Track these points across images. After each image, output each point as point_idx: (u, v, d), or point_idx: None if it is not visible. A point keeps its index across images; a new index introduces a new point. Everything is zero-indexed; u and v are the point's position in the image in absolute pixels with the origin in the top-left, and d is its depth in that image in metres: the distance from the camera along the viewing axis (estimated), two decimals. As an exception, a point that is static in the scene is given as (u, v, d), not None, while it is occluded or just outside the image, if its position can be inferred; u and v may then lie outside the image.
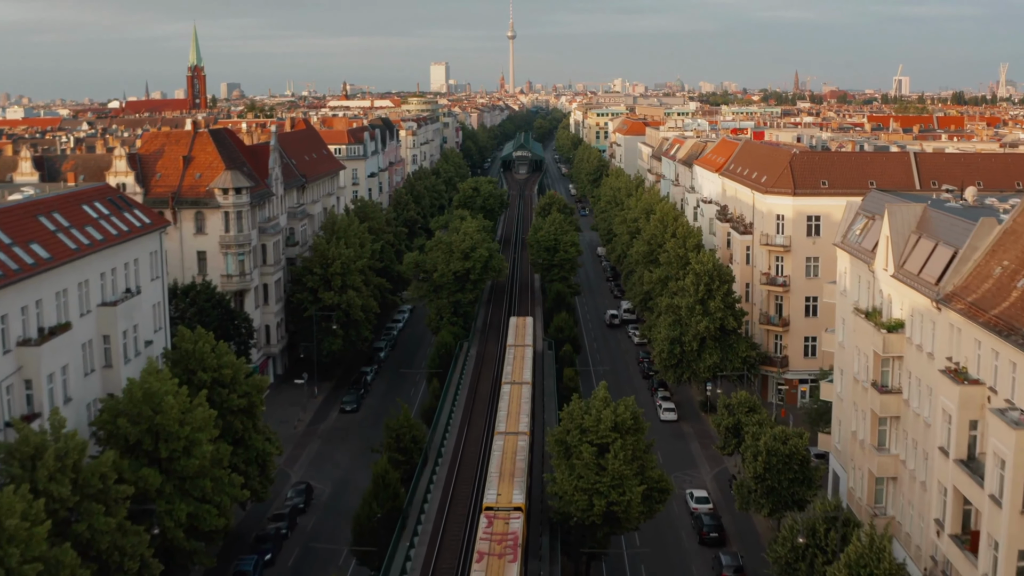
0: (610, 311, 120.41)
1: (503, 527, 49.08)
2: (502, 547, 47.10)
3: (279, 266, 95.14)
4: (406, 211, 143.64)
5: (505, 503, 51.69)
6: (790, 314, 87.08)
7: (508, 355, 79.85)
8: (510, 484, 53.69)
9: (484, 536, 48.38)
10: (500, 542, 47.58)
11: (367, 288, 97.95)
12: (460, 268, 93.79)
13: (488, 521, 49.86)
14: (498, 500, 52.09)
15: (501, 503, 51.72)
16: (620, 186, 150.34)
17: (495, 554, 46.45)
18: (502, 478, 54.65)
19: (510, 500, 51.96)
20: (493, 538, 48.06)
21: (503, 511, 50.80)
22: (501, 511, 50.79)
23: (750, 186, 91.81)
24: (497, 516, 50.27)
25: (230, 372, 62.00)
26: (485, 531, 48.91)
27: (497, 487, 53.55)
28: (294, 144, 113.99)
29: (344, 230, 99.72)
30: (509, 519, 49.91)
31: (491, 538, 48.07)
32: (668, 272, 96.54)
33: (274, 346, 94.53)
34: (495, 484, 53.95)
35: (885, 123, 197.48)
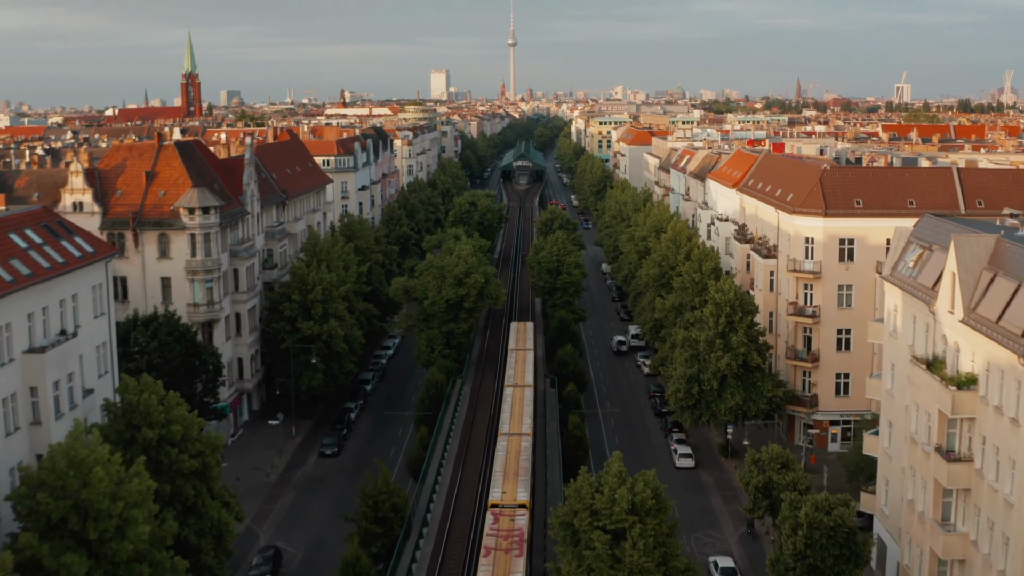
0: (617, 337, 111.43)
1: (509, 523, 50.67)
2: (508, 542, 48.64)
3: (254, 292, 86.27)
4: (398, 227, 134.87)
5: (510, 500, 53.38)
6: (820, 348, 78.17)
7: (510, 359, 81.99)
8: (514, 482, 55.59)
9: (491, 532, 49.88)
10: (506, 538, 49.13)
11: (351, 316, 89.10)
12: (453, 295, 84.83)
13: (494, 518, 51.50)
14: (503, 497, 53.77)
15: (506, 500, 53.37)
16: (626, 200, 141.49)
17: (501, 549, 47.99)
18: (506, 477, 56.57)
19: (515, 498, 53.66)
20: (499, 534, 49.61)
21: (508, 508, 52.44)
22: (507, 508, 52.42)
23: (774, 205, 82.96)
24: (503, 513, 51.89)
25: (180, 429, 53.19)
26: (491, 527, 50.40)
27: (502, 485, 55.41)
28: (275, 157, 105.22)
29: (327, 252, 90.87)
30: (514, 516, 51.61)
31: (497, 534, 49.62)
32: (682, 299, 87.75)
33: (248, 381, 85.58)
34: (500, 482, 55.80)
35: (901, 132, 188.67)
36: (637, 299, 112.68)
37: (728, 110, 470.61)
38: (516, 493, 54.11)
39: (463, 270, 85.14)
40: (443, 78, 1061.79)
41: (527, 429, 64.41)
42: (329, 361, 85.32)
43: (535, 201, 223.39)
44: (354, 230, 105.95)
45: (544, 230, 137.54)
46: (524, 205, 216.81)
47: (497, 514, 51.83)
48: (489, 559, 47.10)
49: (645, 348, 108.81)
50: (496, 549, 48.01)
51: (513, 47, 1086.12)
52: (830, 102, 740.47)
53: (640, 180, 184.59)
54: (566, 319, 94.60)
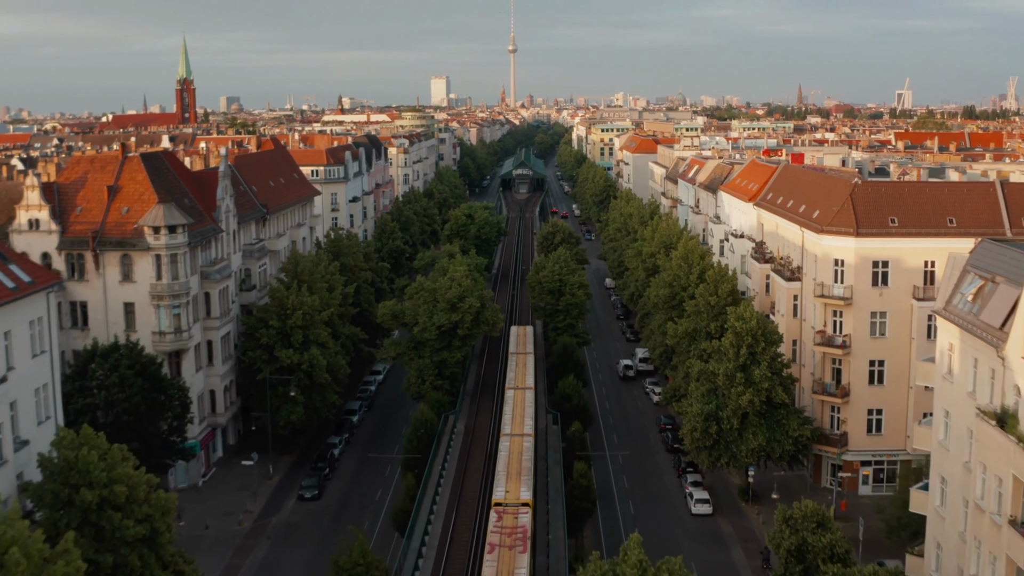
0: (624, 361, 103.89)
1: (512, 521, 51.44)
2: (512, 539, 49.35)
3: (228, 318, 78.87)
4: (391, 241, 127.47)
5: (513, 499, 54.32)
6: (851, 382, 70.77)
7: (510, 362, 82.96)
8: (517, 481, 56.68)
9: (495, 530, 50.68)
10: (510, 535, 49.83)
11: (335, 343, 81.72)
12: (445, 322, 77.35)
13: (498, 516, 52.23)
14: (506, 496, 54.78)
15: (509, 499, 54.35)
16: (631, 212, 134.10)
17: (506, 546, 48.68)
18: (509, 476, 57.59)
19: (518, 496, 54.70)
20: (503, 531, 50.34)
21: (512, 506, 53.30)
22: (510, 506, 53.29)
23: (798, 222, 75.62)
24: (506, 511, 52.65)
25: (125, 490, 45.80)
26: (495, 525, 51.14)
27: (505, 484, 56.40)
28: (256, 168, 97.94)
29: (309, 272, 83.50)
30: (518, 514, 52.35)
31: (501, 531, 50.36)
32: (696, 324, 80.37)
33: (221, 415, 78.11)
34: (503, 482, 56.91)
35: (915, 140, 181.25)
36: (645, 319, 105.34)
37: (731, 116, 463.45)
38: (519, 492, 55.32)
39: (456, 294, 77.64)
40: (443, 84, 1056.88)
41: (528, 430, 66.14)
42: (310, 393, 77.99)
43: (535, 211, 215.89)
44: (341, 247, 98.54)
45: (545, 245, 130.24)
46: (524, 215, 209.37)
47: (501, 512, 52.76)
48: (494, 555, 48.04)
49: (653, 373, 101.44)
50: (500, 546, 48.87)
51: (513, 53, 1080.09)
52: (832, 108, 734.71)
53: (645, 190, 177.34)
54: (569, 345, 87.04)
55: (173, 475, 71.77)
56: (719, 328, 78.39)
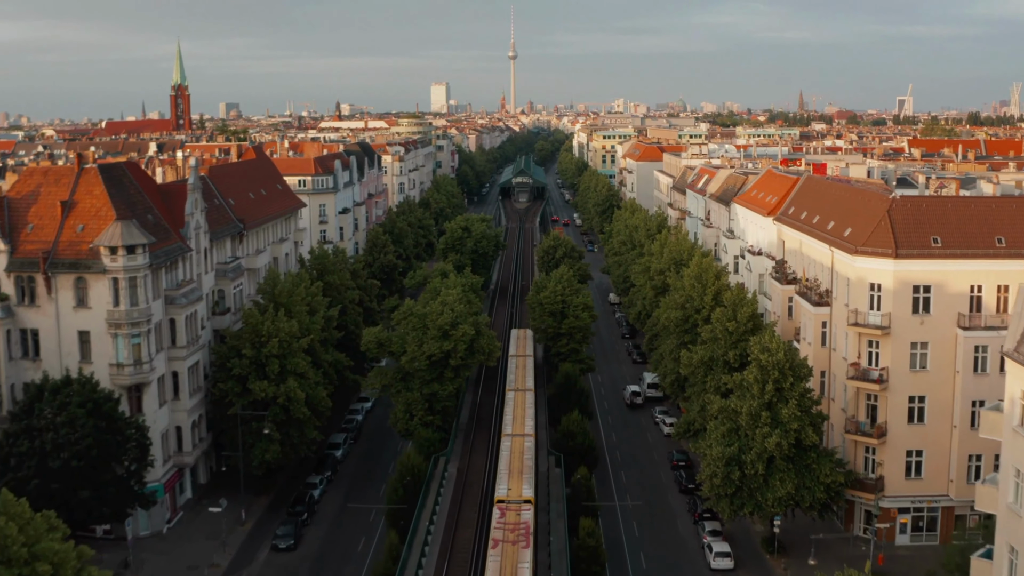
0: (631, 388, 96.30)
1: (515, 517, 52.57)
2: (515, 535, 50.54)
3: (196, 346, 71.46)
4: (383, 255, 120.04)
5: (516, 496, 55.45)
6: (888, 420, 63.36)
7: (510, 365, 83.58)
8: (519, 480, 57.77)
9: (498, 526, 51.80)
10: (513, 530, 50.97)
11: (316, 372, 74.33)
12: (437, 351, 69.92)
13: (501, 512, 53.33)
14: (509, 494, 55.81)
15: (512, 496, 55.49)
16: (637, 224, 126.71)
17: (509, 541, 49.92)
18: (511, 475, 58.57)
19: (520, 494, 55.82)
20: (506, 527, 51.47)
21: (514, 503, 54.50)
22: (512, 503, 54.48)
23: (827, 241, 68.29)
24: (509, 508, 53.88)
25: (49, 569, 38.77)
26: (499, 521, 52.28)
27: (507, 483, 57.44)
28: (235, 179, 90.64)
29: (287, 294, 76.22)
30: (520, 510, 53.51)
31: (504, 527, 51.47)
32: (713, 352, 73.01)
33: (188, 454, 70.62)
34: (505, 480, 57.95)
35: (931, 148, 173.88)
36: (653, 341, 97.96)
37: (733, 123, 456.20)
38: (521, 490, 56.42)
39: (449, 320, 70.21)
40: (443, 91, 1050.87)
41: (529, 430, 67.03)
42: (288, 429, 70.61)
43: (536, 221, 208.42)
44: (326, 264, 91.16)
45: (546, 260, 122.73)
46: (524, 225, 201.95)
47: (504, 509, 53.78)
48: (497, 550, 49.13)
49: (662, 400, 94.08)
50: (504, 541, 49.96)
51: (513, 60, 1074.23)
52: (834, 115, 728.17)
53: (650, 199, 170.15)
54: (572, 374, 79.62)
55: (131, 524, 64.37)
56: (738, 357, 71.29)
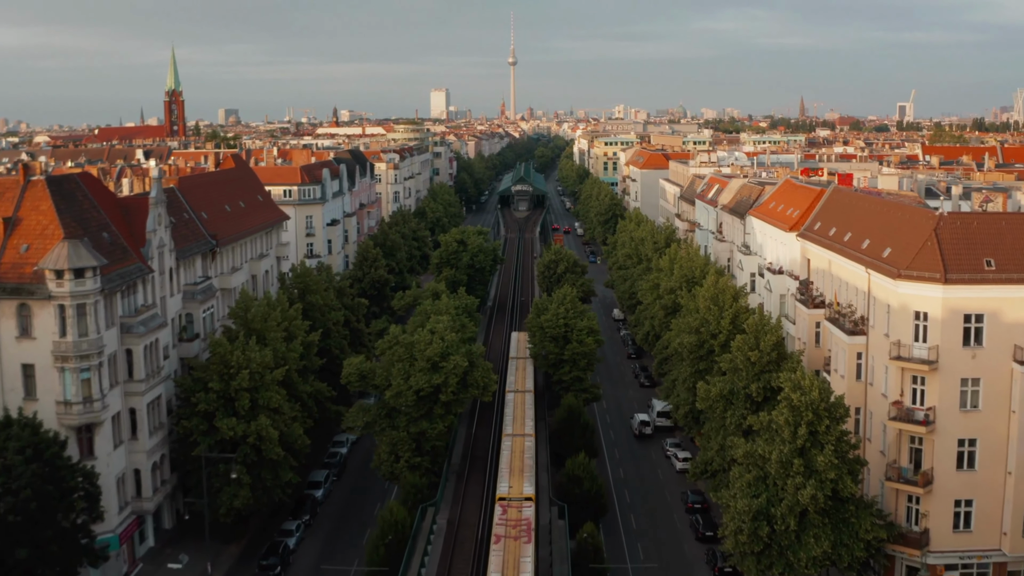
0: (639, 416, 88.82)
1: (516, 514, 54.38)
2: (517, 531, 52.46)
3: (157, 379, 64.03)
4: (373, 270, 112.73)
5: (517, 494, 56.68)
6: (934, 466, 55.96)
7: (510, 367, 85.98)
8: (520, 477, 58.85)
9: (500, 522, 53.68)
10: (515, 527, 52.86)
11: (293, 406, 66.99)
12: (425, 385, 62.50)
13: (503, 509, 55.14)
14: (510, 491, 57.07)
15: (513, 494, 56.72)
16: (643, 236, 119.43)
17: (511, 537, 51.86)
18: (512, 473, 59.62)
19: (521, 491, 57.10)
20: (508, 523, 53.39)
21: (516, 500, 56.04)
22: (514, 500, 56.02)
23: (863, 262, 60.97)
24: (511, 505, 55.55)
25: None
26: (500, 518, 54.14)
27: (508, 480, 58.57)
28: (209, 190, 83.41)
29: (261, 319, 68.93)
30: (522, 507, 55.24)
31: (506, 523, 53.38)
32: (734, 385, 65.68)
33: (148, 499, 63.14)
34: (507, 478, 59.03)
35: (948, 155, 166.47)
36: (664, 364, 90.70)
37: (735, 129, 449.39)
38: (523, 487, 57.71)
39: (438, 351, 62.78)
40: (443, 97, 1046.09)
41: (529, 430, 68.37)
42: (260, 470, 63.32)
43: (536, 231, 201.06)
44: (308, 283, 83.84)
45: (547, 276, 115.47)
46: (523, 236, 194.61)
47: (505, 506, 55.21)
48: (500, 546, 50.63)
49: (673, 430, 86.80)
50: (506, 537, 51.46)
51: (513, 66, 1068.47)
52: (836, 121, 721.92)
53: (655, 209, 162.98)
54: (576, 407, 72.23)
55: (80, 583, 56.89)
56: (761, 390, 64.05)
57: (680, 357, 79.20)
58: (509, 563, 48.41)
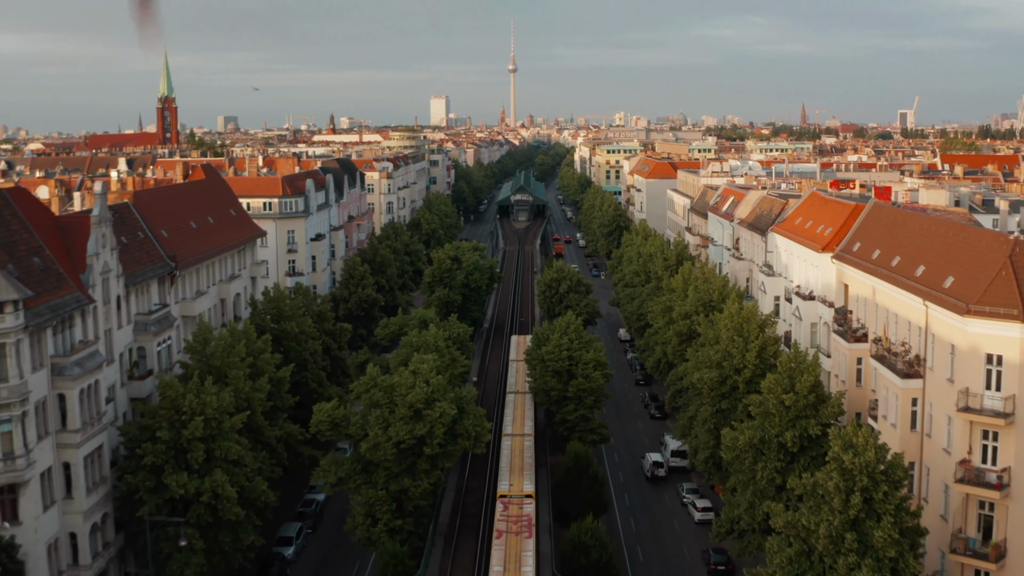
0: (652, 457, 79.89)
1: (517, 510, 55.55)
2: (518, 526, 53.83)
3: (98, 427, 55.15)
4: (360, 288, 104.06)
5: (517, 491, 58.21)
6: (1008, 538, 47.23)
7: (511, 369, 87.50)
8: (520, 475, 60.52)
9: (501, 518, 54.82)
10: (516, 522, 54.17)
11: (256, 456, 58.16)
12: (406, 436, 53.64)
13: (504, 506, 56.35)
14: (511, 489, 58.52)
15: (514, 491, 58.20)
16: (651, 252, 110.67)
17: (512, 532, 53.19)
18: (512, 471, 61.24)
19: (522, 489, 58.61)
20: (509, 519, 54.79)
21: (516, 497, 57.34)
22: (515, 497, 57.33)
23: (919, 292, 52.26)
24: (511, 502, 56.84)
25: None
26: (502, 515, 55.28)
27: (509, 479, 60.12)
28: (170, 206, 74.71)
29: (221, 355, 60.17)
30: (522, 504, 56.57)
31: (507, 519, 54.71)
32: (764, 432, 56.87)
33: (87, 568, 54.14)
34: (507, 476, 60.67)
35: (972, 164, 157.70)
36: (678, 398, 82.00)
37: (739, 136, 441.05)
38: (523, 485, 58.60)
39: (422, 397, 53.94)
40: (443, 104, 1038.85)
41: (528, 430, 69.17)
42: (216, 532, 54.47)
43: (536, 243, 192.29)
44: (281, 309, 75.10)
45: (548, 295, 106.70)
46: (523, 248, 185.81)
47: (506, 503, 56.17)
48: (501, 540, 52.10)
49: (690, 471, 78.08)
50: (507, 532, 52.79)
51: (513, 73, 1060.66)
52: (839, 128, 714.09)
53: (661, 221, 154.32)
54: (583, 456, 63.39)
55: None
56: (797, 439, 55.27)
57: (697, 391, 70.48)
58: (511, 557, 49.11)
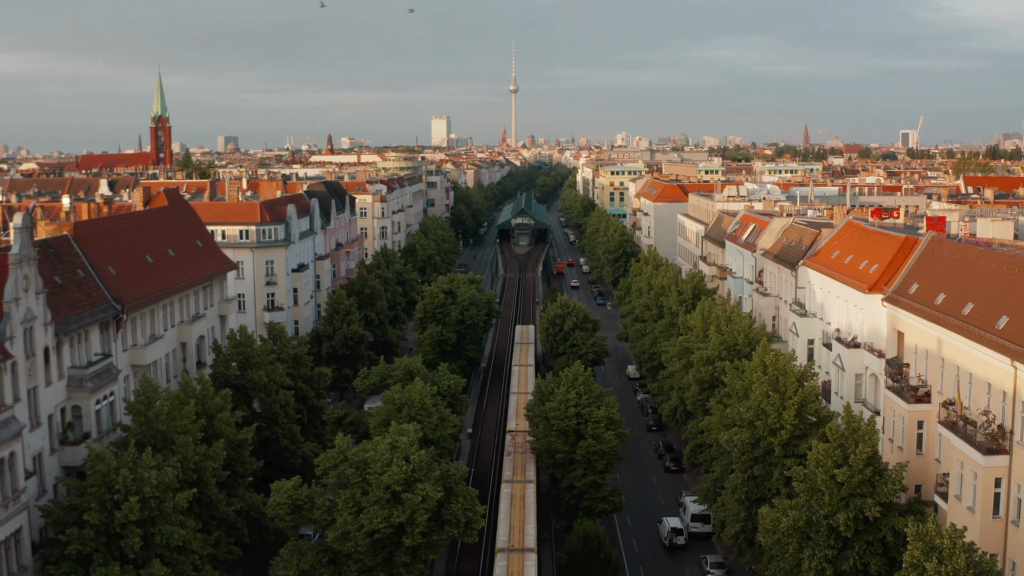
0: (670, 522, 70.21)
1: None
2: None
3: (13, 508, 45.93)
4: (346, 325, 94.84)
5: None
6: None
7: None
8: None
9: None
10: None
11: (205, 540, 48.78)
12: (382, 524, 44.28)
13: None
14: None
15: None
16: (665, 284, 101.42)
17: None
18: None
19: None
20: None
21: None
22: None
23: (1006, 351, 43.02)
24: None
25: None
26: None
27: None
28: (120, 238, 65.61)
29: (167, 418, 50.93)
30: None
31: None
32: (811, 513, 47.57)
33: None
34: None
35: (1003, 187, 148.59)
36: (698, 453, 72.78)
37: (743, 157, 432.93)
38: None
39: (401, 477, 44.57)
40: (444, 124, 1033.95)
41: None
42: (154, 638, 45.04)
43: (538, 270, 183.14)
44: (248, 355, 65.86)
45: (552, 332, 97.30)
46: (524, 275, 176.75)
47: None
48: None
49: (710, 535, 68.73)
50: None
51: (514, 93, 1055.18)
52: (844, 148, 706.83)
53: (672, 248, 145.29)
54: (593, 536, 53.98)
55: None
56: (851, 523, 46.03)
57: (723, 451, 61.17)
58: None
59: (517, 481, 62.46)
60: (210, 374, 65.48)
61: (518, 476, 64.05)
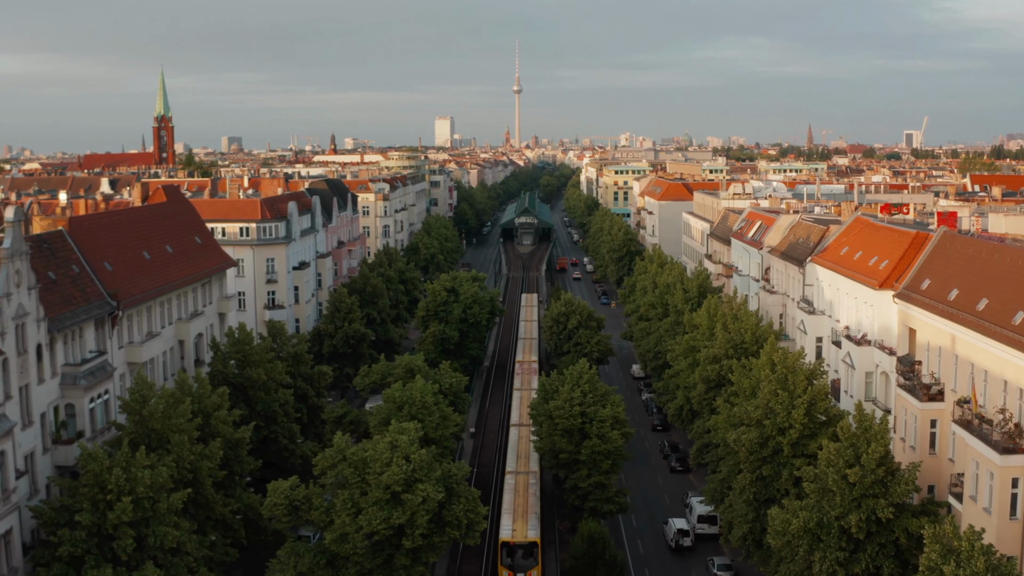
0: (676, 523, 69.03)
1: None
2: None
3: (4, 509, 44.87)
4: (347, 323, 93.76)
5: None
6: None
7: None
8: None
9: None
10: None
11: (200, 542, 47.68)
12: (381, 525, 43.17)
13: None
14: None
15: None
16: (669, 283, 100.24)
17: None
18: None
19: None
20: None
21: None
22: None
23: (1021, 346, 41.80)
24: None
25: None
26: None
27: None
28: (117, 234, 64.56)
29: (162, 417, 49.84)
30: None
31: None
32: (823, 514, 46.40)
33: None
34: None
35: (1011, 185, 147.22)
36: (705, 453, 71.57)
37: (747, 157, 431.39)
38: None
39: (401, 477, 43.49)
40: (448, 125, 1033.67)
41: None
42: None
43: (541, 269, 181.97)
44: (247, 354, 64.77)
45: (555, 331, 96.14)
46: (527, 275, 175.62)
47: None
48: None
49: (717, 537, 67.49)
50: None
51: (518, 94, 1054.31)
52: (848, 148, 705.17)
53: (676, 246, 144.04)
54: (599, 537, 52.85)
55: None
56: (863, 524, 44.85)
57: (730, 450, 59.95)
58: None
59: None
60: (208, 372, 64.46)
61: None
